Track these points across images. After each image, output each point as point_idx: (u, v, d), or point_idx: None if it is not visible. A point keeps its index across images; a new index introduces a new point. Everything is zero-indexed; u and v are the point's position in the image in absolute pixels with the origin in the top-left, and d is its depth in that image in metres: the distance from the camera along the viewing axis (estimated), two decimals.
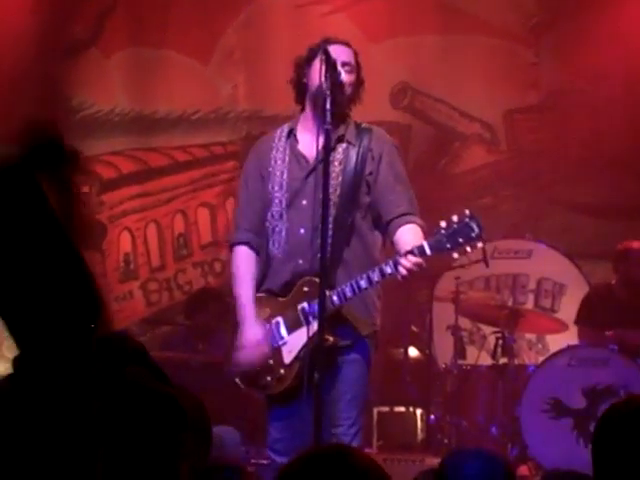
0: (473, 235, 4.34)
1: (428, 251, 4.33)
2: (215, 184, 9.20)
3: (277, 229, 4.65)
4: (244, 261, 4.76)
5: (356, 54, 4.73)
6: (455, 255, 4.41)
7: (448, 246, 4.35)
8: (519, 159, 8.94)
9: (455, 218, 4.36)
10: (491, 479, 3.02)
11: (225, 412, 6.58)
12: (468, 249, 4.39)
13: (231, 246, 4.87)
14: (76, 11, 9.42)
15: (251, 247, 4.76)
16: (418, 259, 4.31)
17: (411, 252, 4.32)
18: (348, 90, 4.62)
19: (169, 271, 9.28)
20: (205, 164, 9.33)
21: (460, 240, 4.34)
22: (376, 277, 4.42)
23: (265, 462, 6.31)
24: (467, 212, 4.37)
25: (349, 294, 4.45)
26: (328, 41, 4.62)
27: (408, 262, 4.30)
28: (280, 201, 4.65)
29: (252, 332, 4.61)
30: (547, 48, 8.95)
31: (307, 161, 4.65)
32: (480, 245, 4.40)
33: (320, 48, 4.51)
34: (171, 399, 1.31)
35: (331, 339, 4.44)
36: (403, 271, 4.31)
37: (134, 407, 1.26)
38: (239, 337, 4.64)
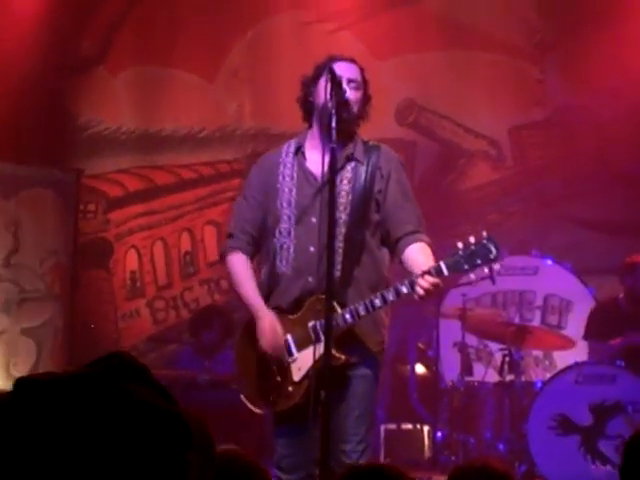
0: (491, 257, 4.33)
1: (445, 271, 4.32)
2: (221, 202, 9.21)
3: (285, 246, 4.64)
4: (240, 263, 4.76)
5: (362, 70, 4.72)
6: (472, 276, 4.41)
7: (466, 267, 4.34)
8: (525, 175, 8.94)
9: (472, 239, 4.35)
10: None
11: (231, 430, 6.58)
12: (485, 270, 4.38)
13: (223, 254, 4.87)
14: (83, 29, 9.48)
15: (243, 252, 4.77)
16: (435, 279, 4.30)
17: (428, 272, 4.30)
18: (354, 107, 4.61)
19: (176, 289, 9.29)
20: (211, 182, 9.35)
21: (478, 261, 4.32)
22: (391, 297, 4.41)
23: None
24: (484, 234, 4.36)
25: (362, 312, 4.44)
26: (334, 58, 4.61)
27: (425, 282, 4.28)
28: (289, 217, 4.65)
29: (267, 319, 4.60)
30: (552, 64, 8.96)
31: (316, 179, 4.64)
32: (497, 267, 4.39)
33: (326, 66, 4.52)
34: (176, 417, 1.29)
35: (343, 357, 4.43)
36: (420, 291, 4.30)
37: (137, 425, 1.25)
38: (257, 328, 4.62)
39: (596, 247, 8.48)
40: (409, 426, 7.75)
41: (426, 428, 7.68)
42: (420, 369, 8.16)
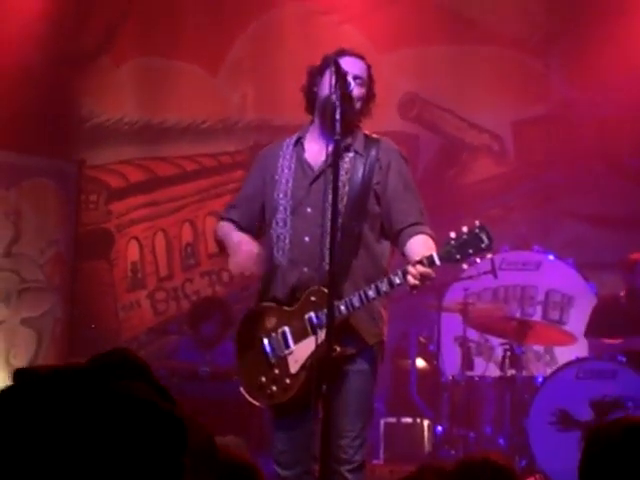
0: (483, 246, 4.31)
1: (437, 262, 4.30)
2: (223, 193, 9.19)
3: (281, 237, 4.63)
4: (227, 224, 4.81)
5: (369, 67, 4.71)
6: (465, 266, 4.39)
7: (457, 257, 4.31)
8: (527, 170, 8.92)
9: (465, 229, 4.33)
10: None
11: (232, 422, 6.58)
12: (478, 260, 4.37)
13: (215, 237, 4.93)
14: (87, 20, 9.46)
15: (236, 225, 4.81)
16: (427, 269, 4.27)
17: (420, 262, 4.28)
18: (358, 104, 4.60)
19: (177, 280, 9.28)
20: (213, 173, 9.34)
21: (470, 251, 4.31)
22: (384, 287, 4.39)
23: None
24: (477, 223, 4.34)
25: (357, 304, 4.42)
26: (343, 52, 4.60)
27: (417, 272, 4.27)
28: (285, 208, 4.63)
29: (237, 236, 4.66)
30: (556, 59, 8.94)
31: (312, 170, 4.64)
32: (490, 256, 4.38)
33: (333, 58, 4.50)
34: (172, 418, 1.23)
35: (338, 349, 4.41)
36: (412, 281, 4.27)
37: (131, 425, 1.22)
38: (230, 249, 4.66)
39: (598, 242, 8.47)
40: (409, 420, 7.74)
41: (426, 422, 7.68)
42: (421, 363, 8.15)
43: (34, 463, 1.18)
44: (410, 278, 4.27)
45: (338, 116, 4.34)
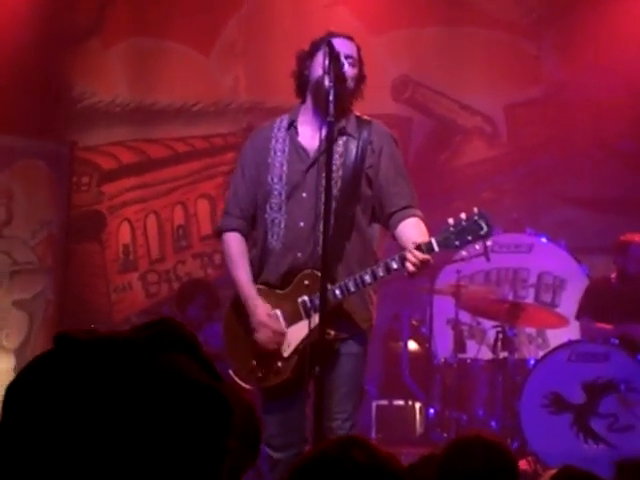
0: (482, 233, 4.32)
1: (436, 248, 4.30)
2: (215, 175, 9.18)
3: (276, 221, 4.61)
4: (236, 245, 4.70)
5: (359, 48, 4.70)
6: (464, 252, 4.41)
7: (456, 243, 4.33)
8: (520, 153, 8.92)
9: (463, 216, 4.33)
10: (494, 466, 3.02)
11: None
12: (477, 247, 4.38)
13: (220, 232, 4.80)
14: (77, 1, 9.41)
15: (241, 234, 4.72)
16: (426, 256, 4.27)
17: (419, 248, 4.28)
18: (350, 84, 4.59)
19: (168, 263, 9.26)
20: (205, 155, 9.31)
21: (469, 238, 4.31)
22: (381, 272, 4.39)
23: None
24: (476, 210, 4.34)
25: (352, 289, 4.42)
26: (332, 34, 4.59)
27: (415, 258, 4.26)
28: (279, 193, 4.62)
29: (261, 309, 4.57)
30: (549, 41, 8.93)
31: (307, 153, 4.62)
32: (489, 242, 4.38)
33: (323, 41, 4.49)
34: (218, 396, 1.18)
35: (332, 333, 4.42)
36: (411, 267, 4.27)
37: (175, 400, 1.16)
38: (251, 318, 4.57)
39: (590, 225, 8.48)
40: (401, 402, 7.75)
41: (418, 405, 7.68)
42: (413, 346, 8.15)
43: (63, 434, 1.14)
44: (409, 265, 4.27)
45: (332, 97, 4.33)
